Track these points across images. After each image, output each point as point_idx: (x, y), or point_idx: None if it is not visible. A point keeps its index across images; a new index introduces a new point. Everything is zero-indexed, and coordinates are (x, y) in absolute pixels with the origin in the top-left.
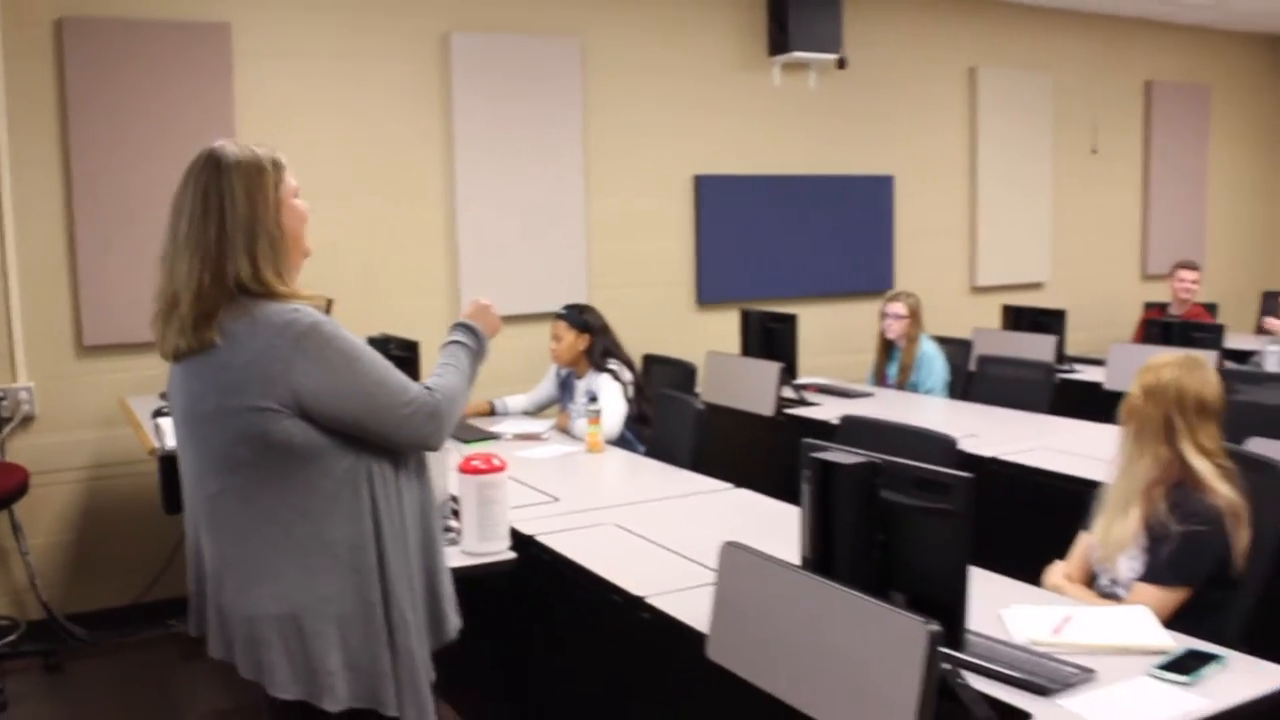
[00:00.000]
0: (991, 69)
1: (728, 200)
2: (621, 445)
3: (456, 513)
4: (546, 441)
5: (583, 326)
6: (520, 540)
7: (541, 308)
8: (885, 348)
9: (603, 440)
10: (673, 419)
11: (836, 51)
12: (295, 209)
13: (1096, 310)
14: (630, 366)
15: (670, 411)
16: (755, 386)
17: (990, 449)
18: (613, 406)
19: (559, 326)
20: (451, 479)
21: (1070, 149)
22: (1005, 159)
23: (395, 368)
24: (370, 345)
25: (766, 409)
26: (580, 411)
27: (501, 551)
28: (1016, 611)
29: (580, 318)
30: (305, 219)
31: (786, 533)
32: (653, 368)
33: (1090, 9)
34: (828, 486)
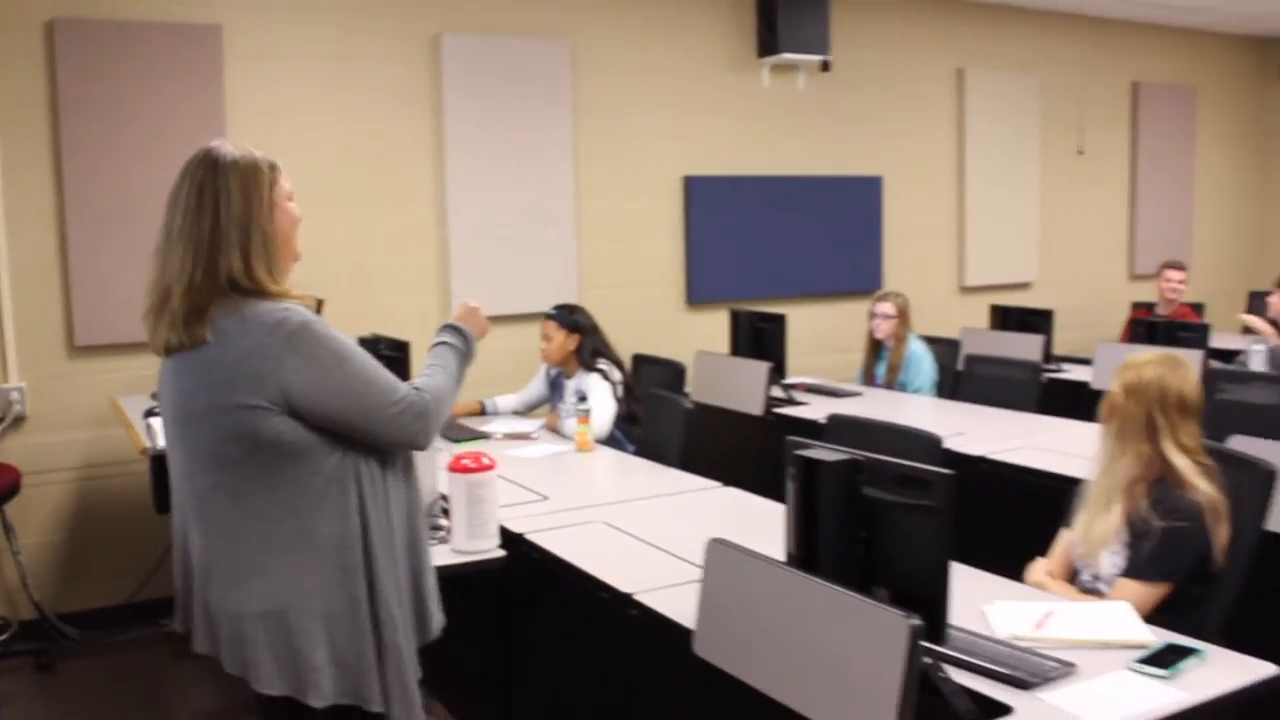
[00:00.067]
0: (979, 70)
1: (717, 201)
2: (611, 444)
3: (446, 511)
4: (536, 441)
5: (573, 326)
6: (510, 538)
7: (532, 308)
8: (874, 347)
9: (592, 439)
10: (662, 418)
11: (825, 53)
12: (288, 211)
13: (1084, 310)
14: (620, 366)
15: (659, 411)
16: (744, 386)
17: (978, 448)
18: (602, 406)
19: (549, 326)
20: (441, 478)
21: (1058, 150)
22: (993, 160)
23: (384, 368)
24: (360, 345)
25: (755, 408)
26: (570, 411)
27: (491, 549)
28: (999, 607)
29: (570, 318)
30: (297, 222)
31: (773, 530)
32: (643, 367)
33: (1077, 11)
34: (811, 483)
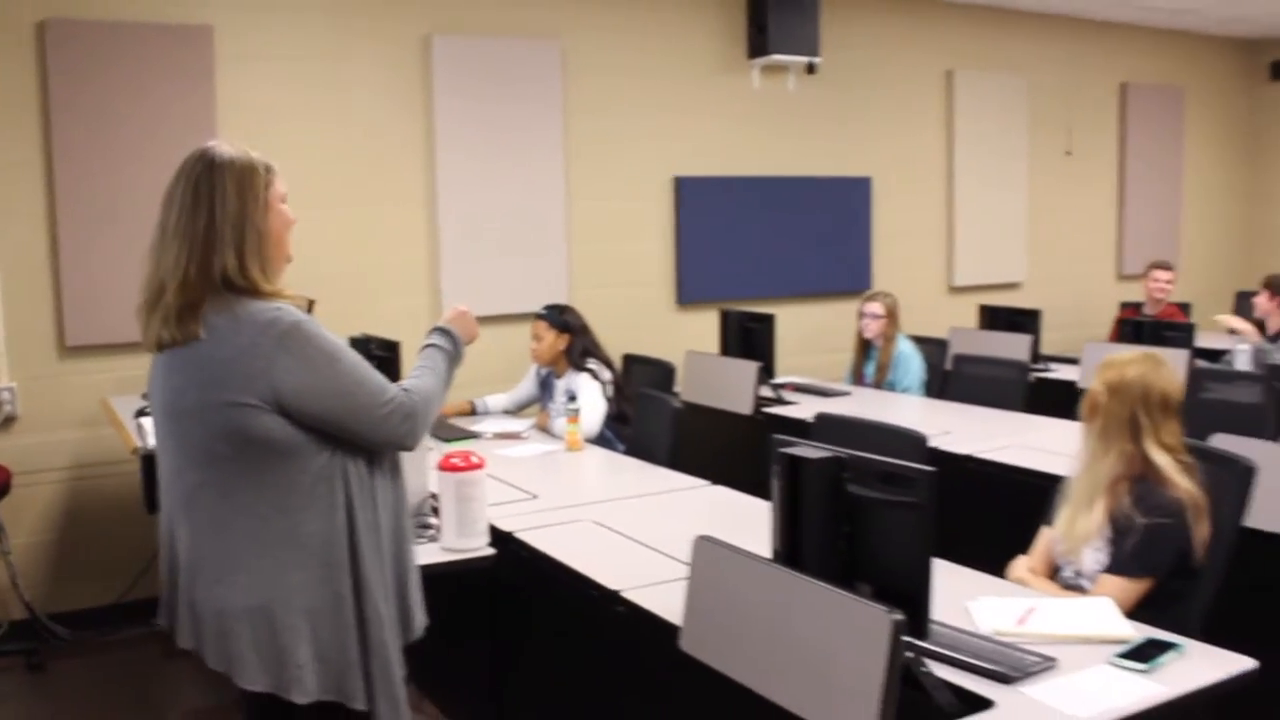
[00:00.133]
0: (968, 71)
1: (707, 201)
2: (601, 444)
3: (436, 510)
4: (526, 440)
5: (563, 326)
6: (499, 536)
7: (522, 308)
8: (863, 347)
9: (582, 439)
10: (651, 418)
11: (815, 54)
12: (282, 213)
13: (1073, 310)
14: (609, 366)
15: (649, 410)
16: (734, 386)
17: (965, 447)
18: (592, 405)
19: (539, 326)
20: (432, 477)
21: (1046, 150)
22: (982, 160)
23: (374, 369)
24: (351, 345)
25: (745, 408)
26: (560, 410)
27: (480, 548)
28: (983, 603)
29: (560, 318)
30: (291, 224)
31: (760, 528)
32: (633, 367)
33: (1065, 12)
34: (796, 481)
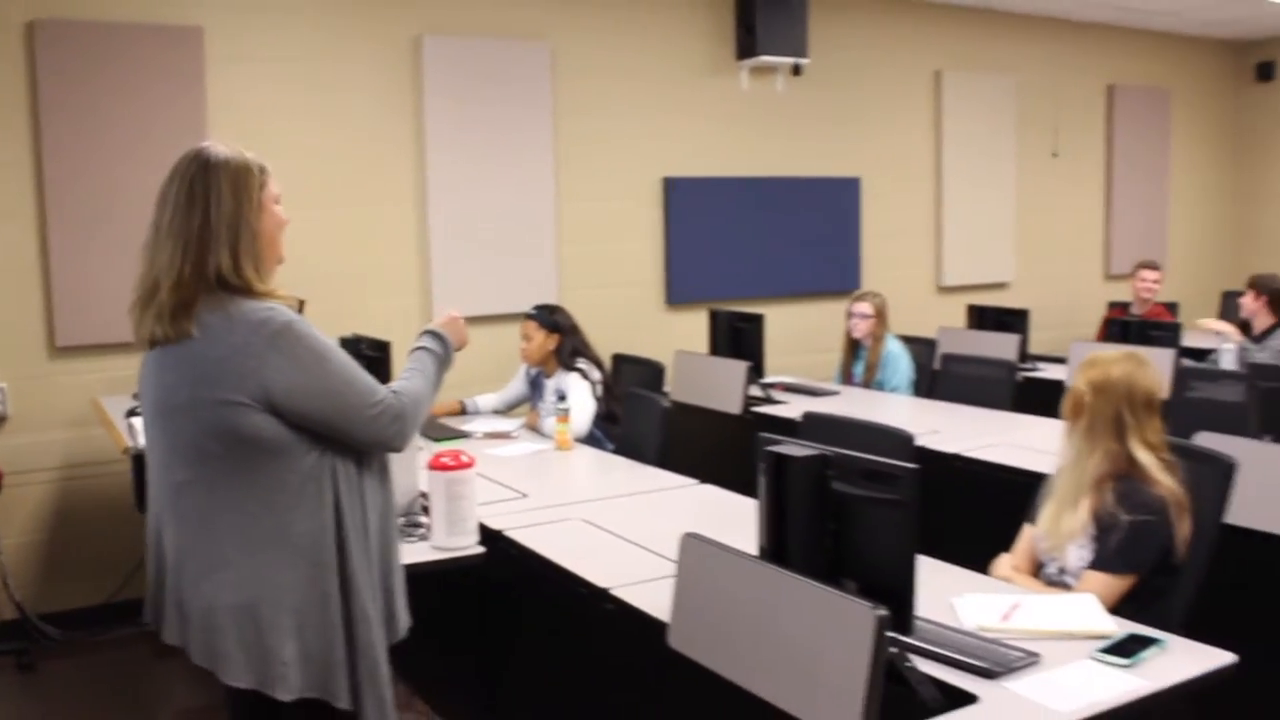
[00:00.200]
0: (956, 72)
1: (697, 202)
2: (590, 443)
3: (426, 509)
4: (516, 439)
5: (552, 326)
6: (489, 535)
7: (512, 308)
8: (852, 347)
9: (571, 438)
10: (641, 417)
11: (804, 55)
12: (275, 214)
13: (1060, 310)
14: (599, 366)
15: (638, 410)
16: (723, 385)
17: (952, 445)
18: (581, 405)
19: (529, 326)
20: (422, 476)
21: (1034, 151)
22: (970, 161)
23: (364, 370)
24: (342, 345)
25: (734, 407)
26: (550, 410)
27: (470, 546)
28: (968, 600)
29: (550, 318)
30: (284, 225)
31: (748, 526)
32: (622, 367)
33: (1053, 14)
34: (782, 479)
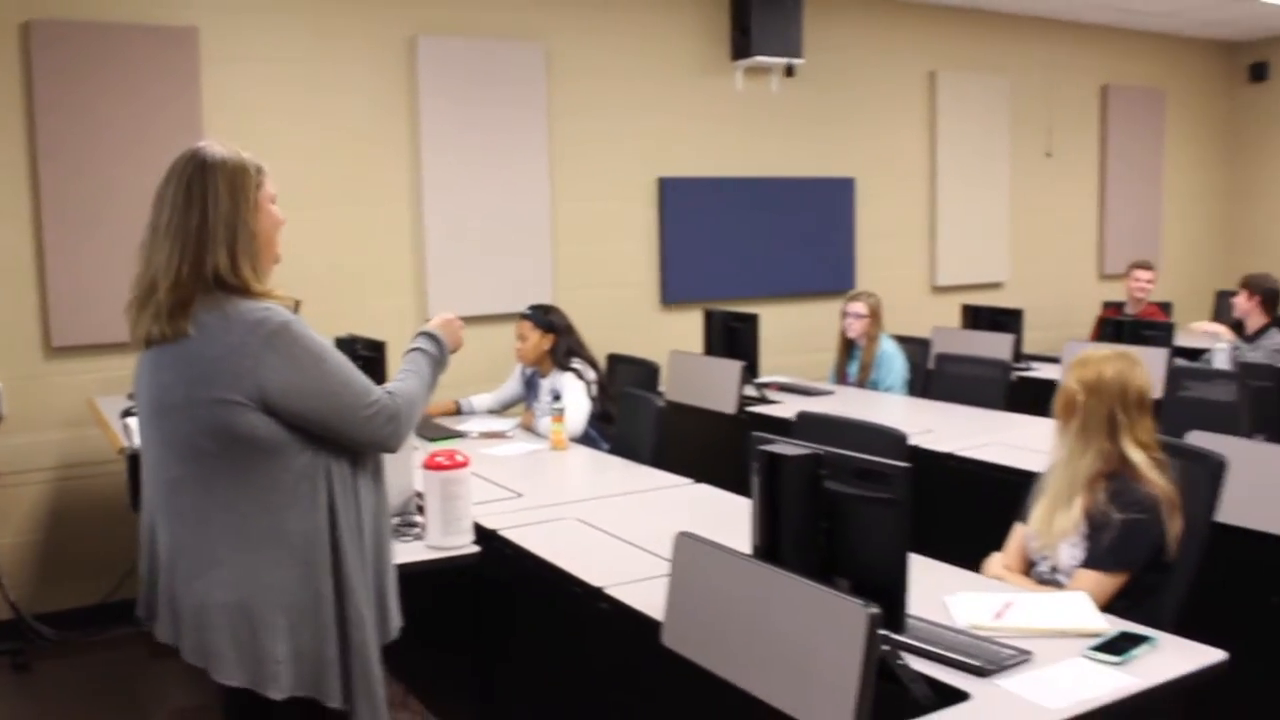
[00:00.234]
0: (950, 73)
1: (691, 202)
2: (585, 443)
3: (422, 508)
4: (511, 439)
5: (547, 326)
6: (484, 534)
7: (507, 308)
8: (846, 347)
9: (566, 438)
10: (636, 417)
11: (798, 56)
12: (272, 214)
13: (1054, 310)
14: (594, 365)
15: (633, 409)
16: (718, 385)
17: (946, 445)
18: (576, 405)
19: (524, 326)
20: (417, 475)
21: (1028, 151)
22: (964, 161)
23: (360, 370)
24: (337, 345)
25: (729, 407)
26: (545, 410)
27: (465, 545)
28: (961, 598)
29: (545, 318)
30: (280, 225)
31: (742, 525)
32: (617, 367)
33: (1047, 14)
34: (775, 478)
